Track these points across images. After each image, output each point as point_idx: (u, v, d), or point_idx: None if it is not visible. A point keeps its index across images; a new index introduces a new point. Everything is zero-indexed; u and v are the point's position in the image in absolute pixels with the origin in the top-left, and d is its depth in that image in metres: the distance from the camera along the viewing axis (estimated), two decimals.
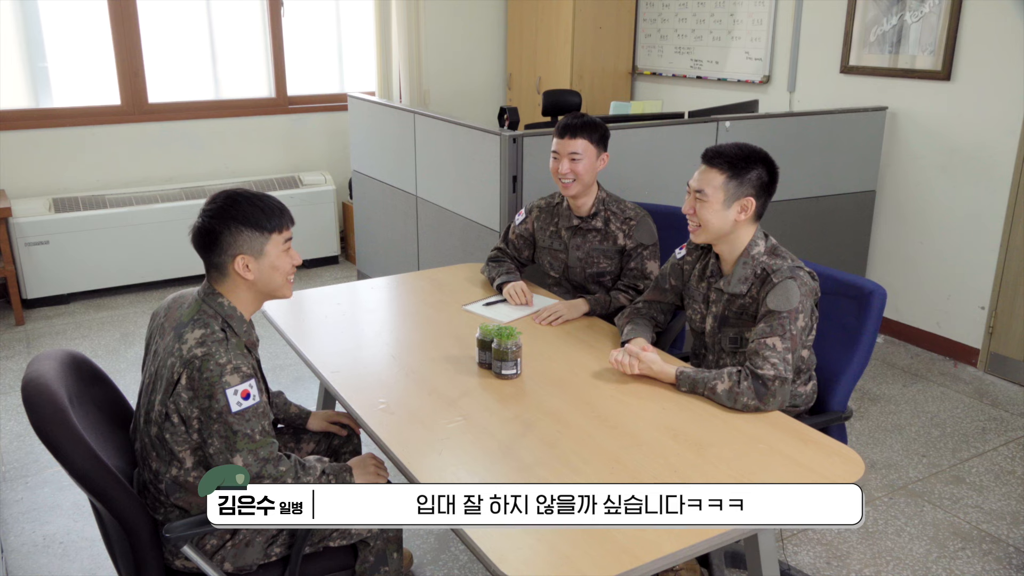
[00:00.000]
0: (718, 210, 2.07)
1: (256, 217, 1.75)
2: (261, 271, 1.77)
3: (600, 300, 2.60)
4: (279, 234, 1.79)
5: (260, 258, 1.76)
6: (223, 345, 1.69)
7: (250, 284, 1.78)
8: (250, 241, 1.75)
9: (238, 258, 1.74)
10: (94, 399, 1.82)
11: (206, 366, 1.65)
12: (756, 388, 1.94)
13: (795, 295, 2.01)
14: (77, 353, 1.84)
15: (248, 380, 1.68)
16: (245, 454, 1.66)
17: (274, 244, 1.78)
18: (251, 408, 1.67)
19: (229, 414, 1.65)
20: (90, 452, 1.55)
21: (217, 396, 1.64)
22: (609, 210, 2.67)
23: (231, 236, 1.73)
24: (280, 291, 1.84)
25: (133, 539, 1.64)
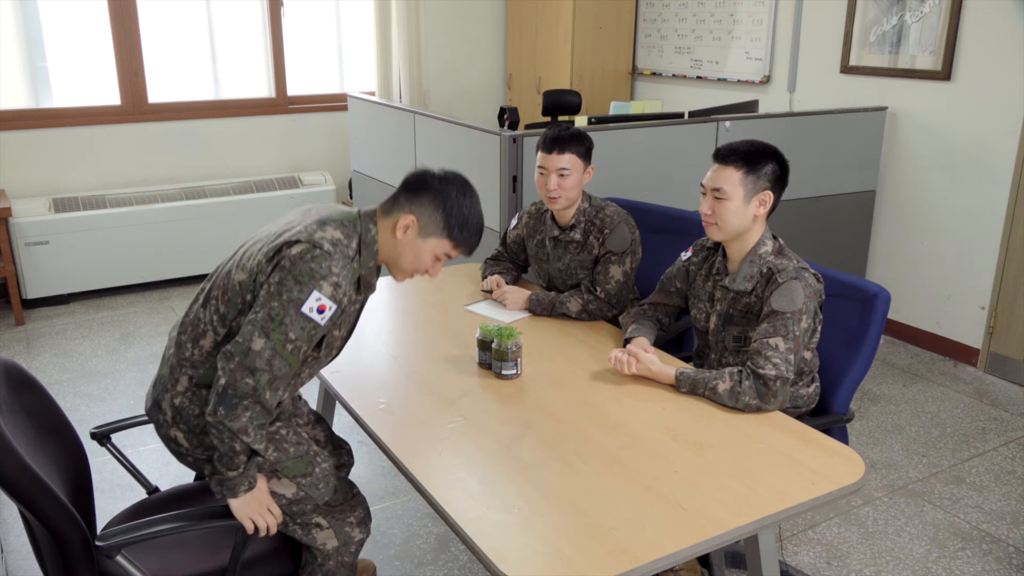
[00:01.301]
0: (738, 208, 2.07)
1: (458, 219, 1.77)
2: (408, 245, 1.76)
3: (542, 300, 2.57)
4: (452, 247, 1.79)
5: (420, 239, 1.76)
6: (346, 262, 1.68)
7: (391, 242, 1.77)
8: (431, 222, 1.75)
9: (410, 217, 1.74)
10: (25, 407, 1.75)
11: (319, 261, 1.63)
12: (757, 388, 1.94)
13: (799, 296, 2.01)
14: (8, 360, 1.78)
15: (336, 304, 1.65)
16: (267, 346, 1.61)
17: (440, 246, 1.78)
18: (313, 324, 1.64)
19: (295, 307, 1.61)
20: (19, 461, 1.49)
21: (304, 287, 1.62)
22: (590, 221, 2.62)
23: (428, 201, 1.75)
24: (396, 271, 1.83)
25: (64, 549, 1.58)
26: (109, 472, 2.89)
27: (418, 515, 2.82)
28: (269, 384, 1.62)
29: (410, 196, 1.76)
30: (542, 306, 2.56)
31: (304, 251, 1.63)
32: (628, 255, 2.56)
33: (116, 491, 2.87)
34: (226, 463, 1.65)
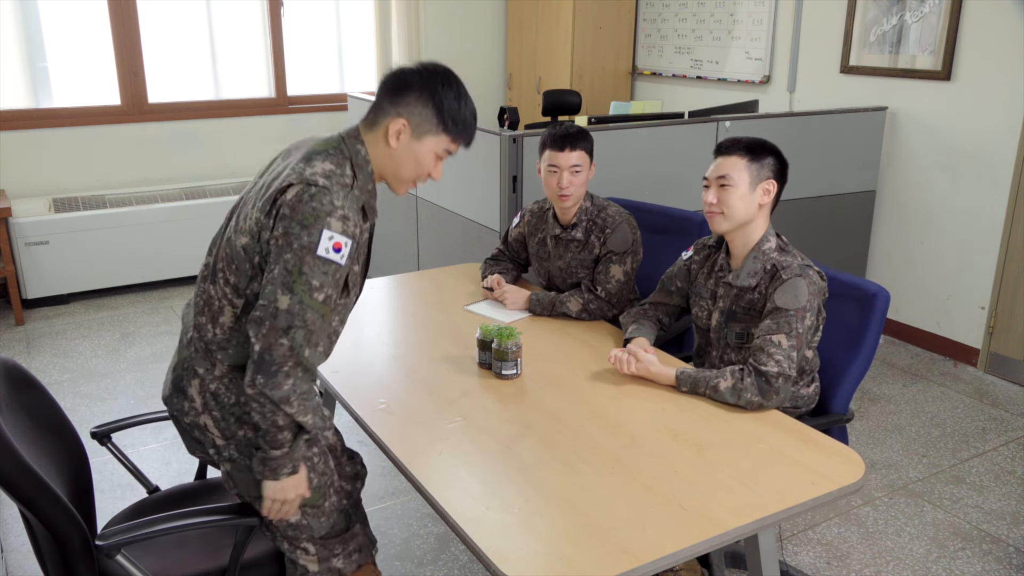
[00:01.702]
0: (744, 194, 2.09)
1: (450, 111, 1.64)
2: (404, 150, 1.65)
3: (542, 300, 2.57)
4: (450, 141, 1.67)
5: (416, 141, 1.65)
6: (346, 191, 1.56)
7: (385, 154, 1.65)
8: (423, 120, 1.63)
9: (400, 120, 1.63)
10: (25, 406, 1.75)
11: (319, 197, 1.51)
12: (759, 385, 1.94)
13: (803, 293, 2.01)
14: (8, 359, 1.78)
15: (350, 239, 1.54)
16: (294, 301, 1.50)
17: (438, 143, 1.66)
18: (334, 265, 1.52)
19: (310, 253, 1.50)
20: (19, 460, 1.49)
21: (311, 230, 1.50)
22: (592, 220, 2.62)
23: (415, 99, 1.63)
24: (398, 183, 1.70)
25: (64, 548, 1.58)
26: (109, 472, 2.89)
27: (418, 515, 2.82)
28: (307, 340, 1.53)
29: (394, 99, 1.63)
30: (542, 306, 2.56)
31: (300, 192, 1.52)
32: (629, 255, 2.57)
33: (116, 491, 2.87)
34: (269, 440, 1.58)
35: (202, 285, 1.70)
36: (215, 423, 1.71)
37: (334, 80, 5.80)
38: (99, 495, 2.04)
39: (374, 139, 1.65)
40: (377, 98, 1.67)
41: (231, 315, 1.64)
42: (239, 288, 1.62)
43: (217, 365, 1.68)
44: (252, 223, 1.58)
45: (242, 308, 1.62)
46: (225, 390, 1.69)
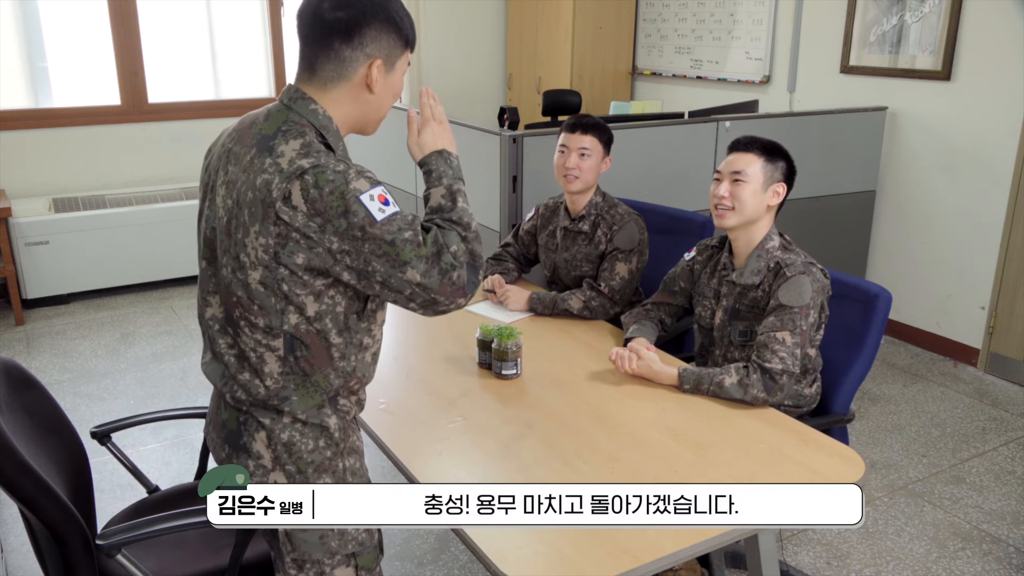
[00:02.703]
0: (756, 191, 2.10)
1: (403, 21, 1.42)
2: (384, 88, 1.43)
3: (544, 299, 2.58)
4: (410, 52, 1.47)
5: (390, 72, 1.43)
6: (330, 155, 1.34)
7: (362, 103, 1.43)
8: (391, 47, 1.41)
9: (376, 61, 1.39)
10: (25, 406, 1.75)
11: (323, 177, 1.29)
12: (764, 381, 1.95)
13: (807, 291, 2.02)
14: (8, 359, 1.78)
15: (380, 185, 1.33)
16: (417, 263, 1.32)
17: (404, 62, 1.46)
18: (399, 215, 1.31)
19: (374, 225, 1.29)
20: (19, 460, 1.49)
21: (352, 208, 1.28)
22: (600, 215, 2.65)
23: (376, 30, 1.38)
24: (377, 125, 1.50)
25: (64, 549, 1.57)
26: (109, 471, 2.89)
27: None
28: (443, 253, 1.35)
29: (351, 39, 1.37)
30: (543, 304, 2.57)
31: (300, 190, 1.29)
32: (635, 254, 2.58)
33: (116, 490, 2.87)
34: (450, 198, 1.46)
35: (222, 341, 1.45)
36: (288, 479, 1.47)
37: None
38: (99, 495, 2.03)
39: (339, 94, 1.41)
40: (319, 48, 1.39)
41: (276, 362, 1.40)
42: (272, 328, 1.38)
43: (284, 415, 1.45)
44: (260, 252, 1.32)
45: (286, 349, 1.39)
46: (300, 436, 1.45)
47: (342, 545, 1.49)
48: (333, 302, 1.38)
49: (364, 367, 1.50)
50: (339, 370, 1.45)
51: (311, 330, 1.38)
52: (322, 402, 1.46)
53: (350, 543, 1.50)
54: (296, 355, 1.40)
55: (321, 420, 1.46)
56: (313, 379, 1.43)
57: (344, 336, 1.42)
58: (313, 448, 1.46)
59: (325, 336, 1.40)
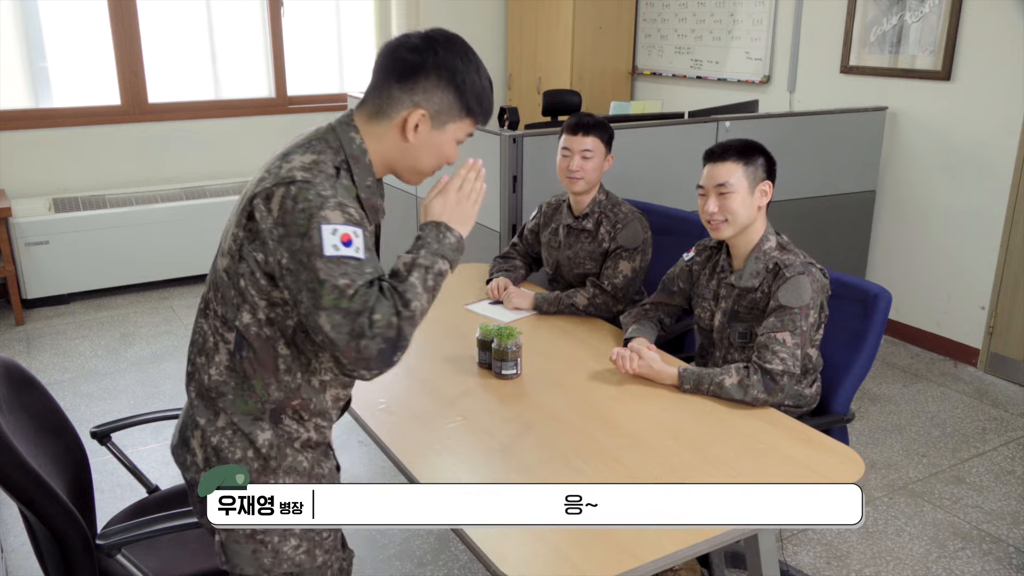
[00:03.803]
0: (745, 198, 2.09)
1: (473, 91, 1.41)
2: (425, 142, 1.42)
3: (548, 297, 2.59)
4: (472, 124, 1.46)
5: (437, 131, 1.42)
6: (331, 180, 1.33)
7: (398, 147, 1.42)
8: (444, 107, 1.40)
9: (418, 111, 1.39)
10: (24, 405, 1.75)
11: (304, 194, 1.28)
12: (765, 382, 1.95)
13: (807, 291, 2.02)
14: (8, 359, 1.78)
15: (355, 227, 1.29)
16: (333, 313, 1.26)
17: (461, 129, 1.45)
18: (353, 261, 1.28)
19: (319, 257, 1.26)
20: (19, 460, 1.49)
21: (311, 233, 1.26)
22: (603, 213, 2.66)
23: (433, 83, 1.38)
24: (415, 176, 1.48)
25: (64, 548, 1.57)
26: (109, 471, 2.89)
27: None
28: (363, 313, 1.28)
29: (404, 84, 1.39)
30: (548, 302, 2.58)
31: (281, 198, 1.29)
32: (639, 253, 2.60)
33: (116, 490, 2.87)
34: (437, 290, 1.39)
35: (197, 321, 1.49)
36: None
37: (334, 80, 5.80)
38: (99, 495, 2.03)
39: (381, 131, 1.41)
40: (379, 81, 1.42)
41: (226, 354, 1.42)
42: (228, 320, 1.40)
43: (220, 415, 1.44)
44: (231, 241, 1.38)
45: (235, 345, 1.40)
46: (229, 444, 1.44)
47: (275, 563, 1.44)
48: (285, 314, 1.37)
49: (311, 392, 1.45)
50: (282, 383, 1.42)
51: (261, 334, 1.39)
52: (258, 412, 1.42)
53: (284, 563, 1.44)
54: (242, 354, 1.40)
55: (251, 431, 1.42)
56: (251, 383, 1.41)
57: (291, 350, 1.40)
58: (240, 458, 1.43)
59: (273, 344, 1.40)
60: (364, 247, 1.30)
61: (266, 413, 1.43)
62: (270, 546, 1.44)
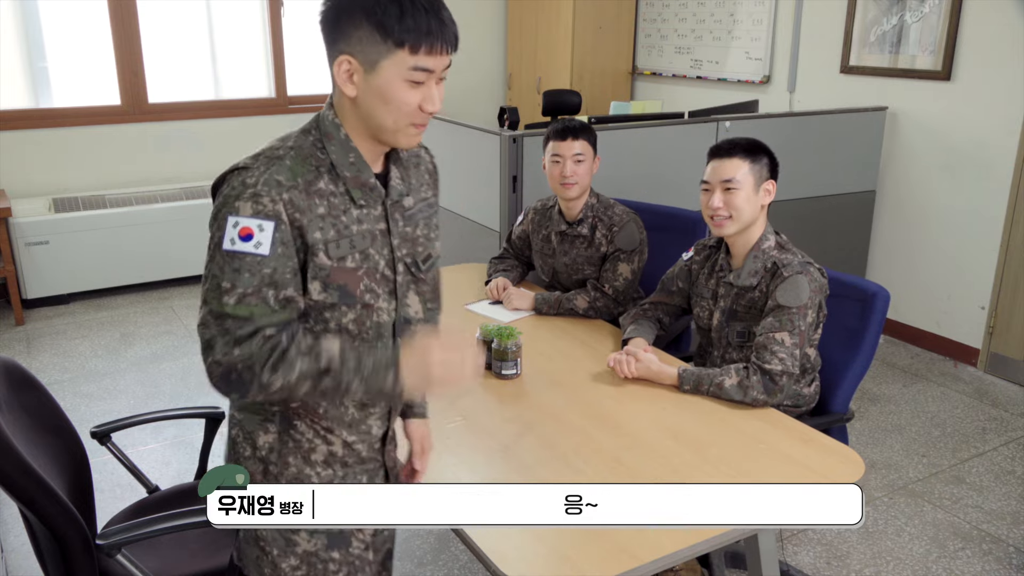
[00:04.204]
0: (750, 196, 2.10)
1: (387, 13, 1.19)
2: (367, 95, 1.24)
3: (548, 299, 2.59)
4: (411, 52, 1.21)
5: (370, 73, 1.23)
6: (275, 163, 1.24)
7: (352, 110, 1.28)
8: (366, 43, 1.22)
9: (342, 58, 1.24)
10: (25, 406, 1.75)
11: (233, 181, 1.24)
12: (764, 383, 1.95)
13: (805, 291, 2.02)
14: (8, 359, 1.78)
15: (264, 220, 1.19)
16: (204, 310, 1.20)
17: (398, 64, 1.21)
18: (248, 257, 1.19)
19: (218, 249, 1.20)
20: (19, 460, 1.49)
21: (218, 223, 1.21)
22: (597, 217, 2.65)
23: (346, 21, 1.23)
24: (388, 135, 1.28)
25: (64, 548, 1.58)
26: (109, 471, 2.89)
27: None
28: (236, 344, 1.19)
29: (328, 36, 1.27)
30: (548, 304, 2.58)
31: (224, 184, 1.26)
32: (636, 254, 2.60)
33: (116, 490, 2.87)
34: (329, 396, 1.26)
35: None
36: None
37: None
38: (99, 495, 2.03)
39: (338, 99, 1.30)
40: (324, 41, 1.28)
41: None
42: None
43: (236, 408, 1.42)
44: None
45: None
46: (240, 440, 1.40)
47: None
48: None
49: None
50: None
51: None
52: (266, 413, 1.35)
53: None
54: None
55: (253, 431, 1.37)
56: None
57: None
58: (249, 456, 1.39)
59: None
60: (272, 243, 1.19)
61: (276, 415, 1.35)
62: (270, 557, 1.41)
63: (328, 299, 1.28)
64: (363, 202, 1.30)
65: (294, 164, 1.25)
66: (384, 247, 1.33)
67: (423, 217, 1.41)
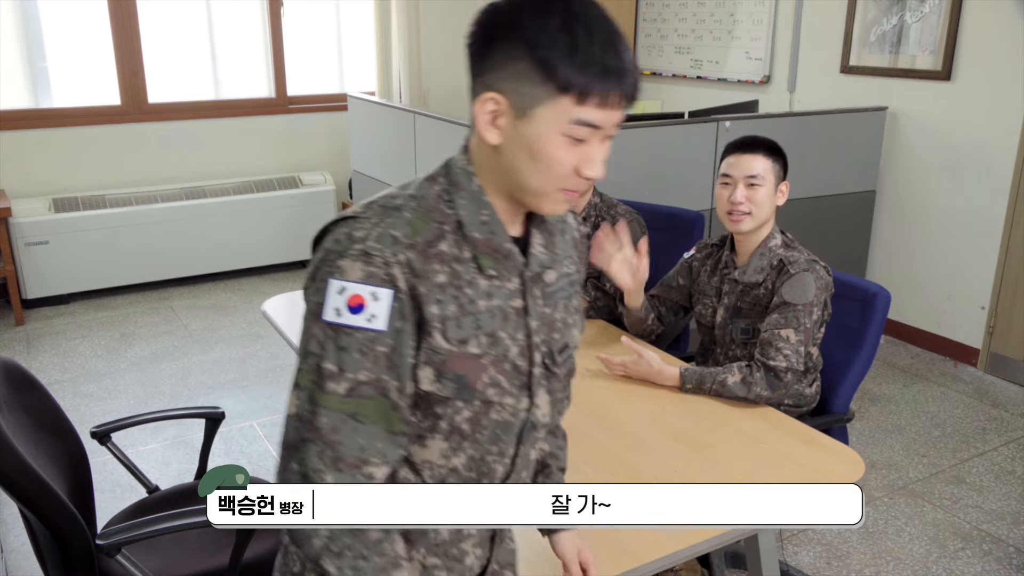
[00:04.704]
0: (771, 193, 2.11)
1: (554, 43, 0.94)
2: (513, 142, 1.00)
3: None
4: (575, 102, 0.96)
5: (521, 120, 0.98)
6: (392, 214, 1.00)
7: (491, 159, 1.03)
8: (520, 80, 0.97)
9: (488, 96, 1.00)
10: (25, 406, 1.75)
11: (336, 234, 1.00)
12: (769, 380, 1.95)
13: (811, 288, 2.02)
14: (8, 359, 1.78)
15: (378, 286, 0.95)
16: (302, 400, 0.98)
17: (555, 113, 0.96)
18: (360, 334, 0.95)
19: (315, 321, 0.97)
20: (19, 460, 1.49)
21: (317, 284, 0.98)
22: (600, 216, 2.65)
23: (501, 53, 0.99)
24: (530, 197, 1.03)
25: (64, 548, 1.58)
26: (109, 471, 2.89)
27: None
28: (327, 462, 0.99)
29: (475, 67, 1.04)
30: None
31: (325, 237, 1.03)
32: None
33: (116, 490, 2.87)
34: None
35: None
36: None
37: (334, 80, 5.80)
38: (99, 495, 2.03)
39: (475, 143, 1.06)
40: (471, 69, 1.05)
41: None
42: None
43: None
44: None
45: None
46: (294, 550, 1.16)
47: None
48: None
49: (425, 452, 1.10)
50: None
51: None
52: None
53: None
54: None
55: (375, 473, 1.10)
56: None
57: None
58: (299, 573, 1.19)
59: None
60: (388, 315, 0.96)
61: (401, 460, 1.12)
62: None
63: (441, 391, 1.03)
64: (494, 272, 1.04)
65: (415, 218, 1.01)
66: (518, 330, 1.07)
67: (563, 297, 1.15)
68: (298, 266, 5.48)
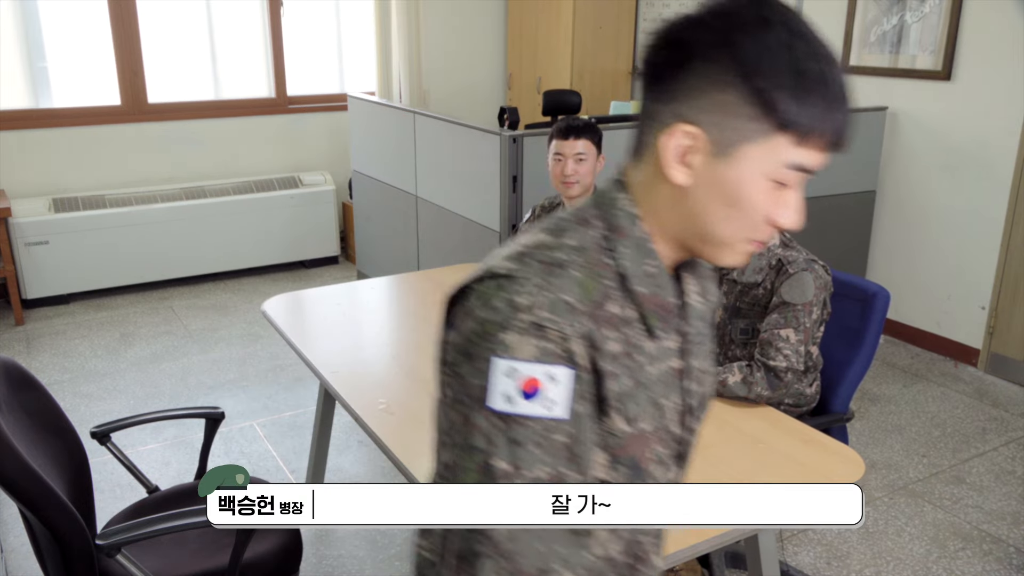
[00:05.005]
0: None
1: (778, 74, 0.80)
2: (707, 184, 0.84)
3: None
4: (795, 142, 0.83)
5: (720, 158, 0.83)
6: (557, 273, 0.82)
7: (670, 201, 0.87)
8: (726, 113, 0.81)
9: (680, 128, 0.83)
10: (24, 405, 1.75)
11: (491, 298, 0.81)
12: (769, 379, 1.95)
13: (810, 288, 2.02)
14: (8, 359, 1.78)
15: (556, 365, 0.79)
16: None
17: (768, 152, 0.82)
18: (538, 425, 0.80)
19: (479, 409, 0.81)
20: (19, 460, 1.49)
21: (476, 364, 0.80)
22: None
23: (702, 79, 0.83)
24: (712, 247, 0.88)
25: (64, 548, 1.58)
26: (109, 471, 2.89)
27: None
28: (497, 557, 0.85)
29: (661, 91, 0.86)
30: None
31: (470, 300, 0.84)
32: None
33: (116, 490, 2.87)
34: None
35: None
36: None
37: (334, 80, 5.80)
38: (99, 495, 2.04)
39: (647, 180, 0.88)
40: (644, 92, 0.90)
41: None
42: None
43: None
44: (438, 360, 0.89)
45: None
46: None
47: None
48: None
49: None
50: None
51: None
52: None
53: None
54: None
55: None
56: None
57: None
58: None
59: None
60: (569, 398, 0.80)
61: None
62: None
63: (616, 479, 0.92)
64: (661, 332, 0.89)
65: (585, 277, 0.83)
66: (673, 393, 0.92)
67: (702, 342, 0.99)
68: (298, 266, 5.49)
